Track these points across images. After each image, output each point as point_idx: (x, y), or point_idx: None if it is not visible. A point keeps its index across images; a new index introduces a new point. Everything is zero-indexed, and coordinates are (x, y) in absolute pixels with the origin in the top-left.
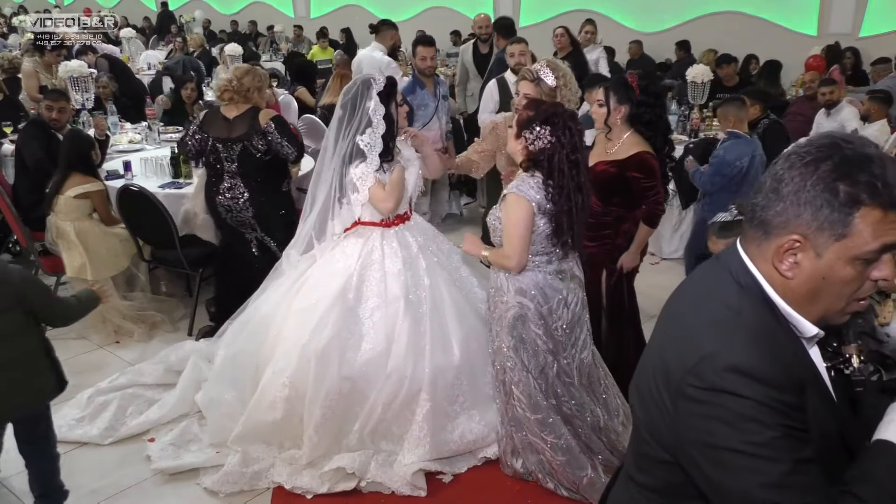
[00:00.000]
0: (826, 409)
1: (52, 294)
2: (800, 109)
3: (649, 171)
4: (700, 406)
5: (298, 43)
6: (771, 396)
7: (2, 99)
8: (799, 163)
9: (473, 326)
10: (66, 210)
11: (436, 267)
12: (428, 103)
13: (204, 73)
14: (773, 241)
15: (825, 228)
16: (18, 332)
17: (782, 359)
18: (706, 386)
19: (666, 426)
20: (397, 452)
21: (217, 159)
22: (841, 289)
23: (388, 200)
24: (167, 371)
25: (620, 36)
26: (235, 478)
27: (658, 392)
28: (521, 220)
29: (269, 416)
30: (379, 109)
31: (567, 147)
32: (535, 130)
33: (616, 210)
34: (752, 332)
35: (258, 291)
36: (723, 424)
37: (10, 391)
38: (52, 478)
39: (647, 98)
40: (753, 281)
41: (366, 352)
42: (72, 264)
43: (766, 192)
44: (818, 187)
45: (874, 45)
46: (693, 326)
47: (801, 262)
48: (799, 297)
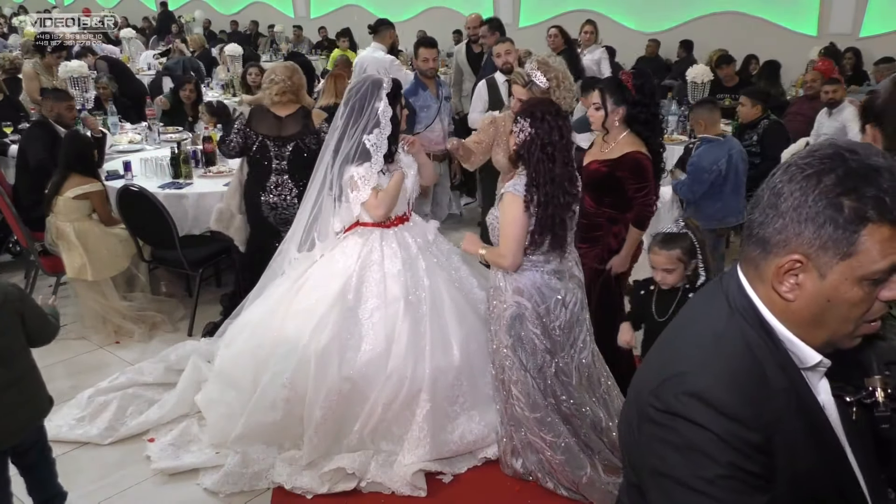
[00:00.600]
0: (817, 448)
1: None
2: (800, 109)
3: (640, 172)
4: (657, 429)
5: (298, 43)
6: (730, 431)
7: (2, 99)
8: (799, 175)
9: (473, 327)
10: (66, 211)
11: (435, 268)
12: (430, 104)
13: (204, 74)
14: (772, 260)
15: (829, 247)
16: (20, 349)
17: (757, 393)
18: (664, 408)
19: (633, 448)
20: (397, 453)
21: (265, 157)
22: (848, 311)
23: (380, 208)
24: (167, 370)
25: (620, 36)
26: (235, 478)
27: (631, 413)
28: (517, 220)
29: (269, 416)
30: (387, 111)
31: (543, 137)
32: (520, 123)
33: (608, 211)
34: (729, 360)
35: (256, 290)
36: (675, 452)
37: (18, 410)
38: (52, 483)
39: (643, 98)
40: (749, 305)
41: (366, 352)
42: (72, 265)
43: (764, 206)
44: (820, 203)
45: (874, 45)
46: (674, 349)
47: (802, 284)
48: (801, 320)
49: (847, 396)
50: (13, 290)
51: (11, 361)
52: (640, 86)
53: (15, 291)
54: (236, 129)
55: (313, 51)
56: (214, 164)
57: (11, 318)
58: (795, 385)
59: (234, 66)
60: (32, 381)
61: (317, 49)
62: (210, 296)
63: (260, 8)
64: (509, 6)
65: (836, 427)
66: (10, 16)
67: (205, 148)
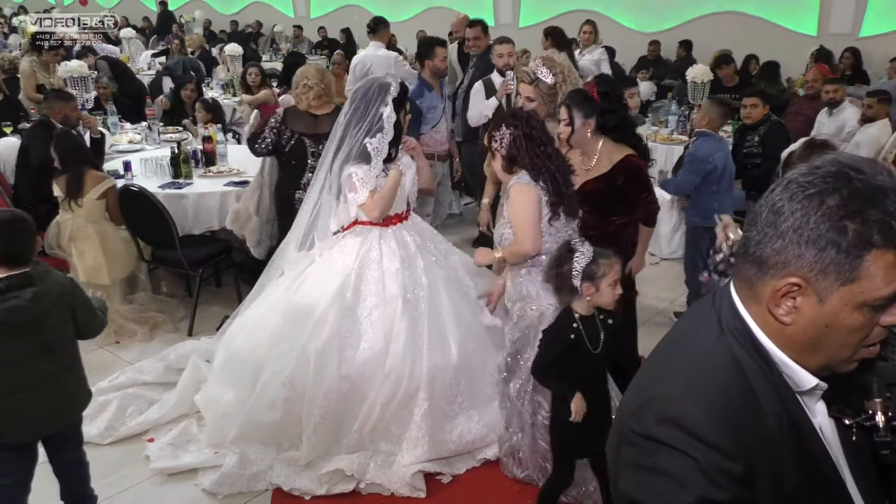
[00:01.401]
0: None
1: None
2: (800, 109)
3: (636, 175)
4: (633, 452)
5: (298, 43)
6: (709, 460)
7: (2, 99)
8: (801, 194)
9: (471, 327)
10: (89, 212)
11: (433, 266)
12: (436, 105)
13: (204, 73)
14: (769, 281)
15: (830, 272)
16: (70, 342)
17: (743, 418)
18: (642, 432)
19: (613, 470)
20: (396, 453)
21: (301, 154)
22: (846, 337)
23: (376, 209)
24: (167, 369)
25: (620, 36)
26: (233, 479)
27: (613, 433)
28: (529, 204)
29: (268, 416)
30: (392, 116)
31: (522, 128)
32: (497, 135)
33: (617, 220)
34: (714, 385)
35: (255, 290)
36: (648, 477)
37: (62, 400)
38: (85, 485)
39: (609, 104)
40: (742, 326)
41: (364, 351)
42: (85, 267)
43: (762, 225)
44: (823, 226)
45: (874, 45)
46: (655, 370)
47: (800, 307)
48: (797, 344)
49: (846, 419)
50: (67, 283)
51: (61, 353)
52: (604, 93)
53: (68, 284)
54: (270, 127)
55: (313, 51)
56: (214, 163)
57: (64, 311)
58: (789, 408)
59: (234, 66)
60: (77, 373)
61: (317, 49)
62: (210, 296)
63: (260, 8)
64: (509, 6)
65: (834, 450)
66: (10, 16)
67: (205, 148)
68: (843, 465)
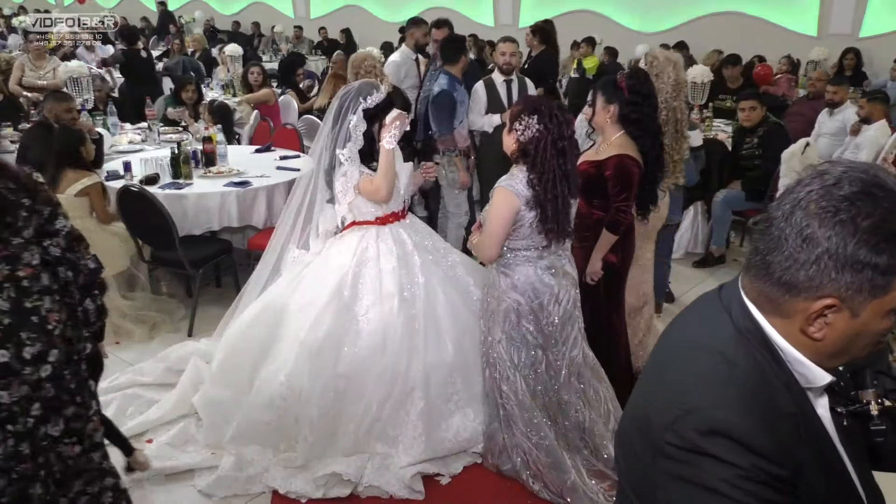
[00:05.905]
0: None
1: None
2: (800, 109)
3: (622, 176)
4: (676, 466)
5: (299, 43)
6: (757, 466)
7: (1, 99)
8: (831, 219)
9: (468, 325)
10: (68, 209)
11: (430, 265)
12: (465, 100)
13: (204, 74)
14: (800, 303)
15: (864, 290)
16: None
17: (778, 424)
18: (686, 446)
19: (640, 478)
20: (393, 455)
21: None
22: (871, 339)
23: (381, 189)
24: (167, 370)
25: (620, 36)
26: (229, 482)
27: (640, 444)
28: (502, 216)
29: (265, 416)
30: (360, 125)
31: (554, 133)
32: (524, 121)
33: (597, 213)
34: (747, 389)
35: (253, 289)
36: (698, 491)
37: None
38: None
39: (635, 97)
40: (753, 325)
41: (361, 349)
42: None
43: (792, 250)
44: (861, 251)
45: (874, 46)
46: (681, 375)
47: (832, 323)
48: (825, 353)
49: (838, 408)
50: None
51: None
52: (631, 86)
53: None
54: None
55: (313, 51)
56: (214, 164)
57: None
58: (802, 407)
59: (235, 66)
60: None
61: (317, 49)
62: (210, 296)
63: (260, 8)
64: (509, 6)
65: (835, 441)
66: (10, 16)
67: (205, 148)
68: (843, 454)
